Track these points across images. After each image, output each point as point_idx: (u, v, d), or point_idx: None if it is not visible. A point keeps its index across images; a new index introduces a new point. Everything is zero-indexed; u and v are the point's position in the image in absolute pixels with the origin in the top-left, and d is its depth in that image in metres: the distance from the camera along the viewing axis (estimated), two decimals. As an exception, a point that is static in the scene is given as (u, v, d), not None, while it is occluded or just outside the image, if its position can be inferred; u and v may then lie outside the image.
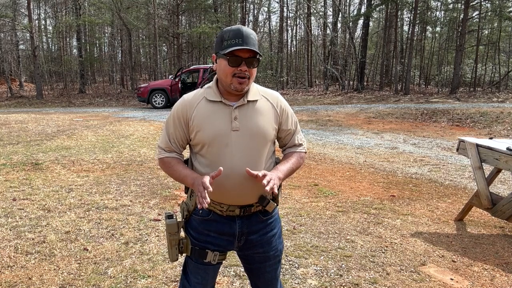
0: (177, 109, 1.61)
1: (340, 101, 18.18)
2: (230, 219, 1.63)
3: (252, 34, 1.52)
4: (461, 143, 4.05)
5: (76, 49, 30.44)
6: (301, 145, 1.75)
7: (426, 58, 27.84)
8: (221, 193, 1.56)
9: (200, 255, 1.65)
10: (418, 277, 2.88)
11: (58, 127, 10.06)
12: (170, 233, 1.65)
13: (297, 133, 1.74)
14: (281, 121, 1.66)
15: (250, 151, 1.56)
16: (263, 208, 1.66)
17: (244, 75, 1.52)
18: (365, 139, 9.16)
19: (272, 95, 1.68)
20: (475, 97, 17.66)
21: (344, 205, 4.49)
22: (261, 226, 1.68)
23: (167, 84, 16.06)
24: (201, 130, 1.55)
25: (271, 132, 1.62)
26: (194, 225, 1.67)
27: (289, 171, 1.65)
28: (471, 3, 20.33)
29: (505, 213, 3.67)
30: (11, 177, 5.45)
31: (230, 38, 1.50)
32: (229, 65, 1.50)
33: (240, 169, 1.53)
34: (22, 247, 3.27)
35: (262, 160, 1.60)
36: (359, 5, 27.30)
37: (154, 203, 4.43)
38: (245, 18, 27.69)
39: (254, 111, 1.59)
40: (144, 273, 2.86)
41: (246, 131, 1.56)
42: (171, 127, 1.62)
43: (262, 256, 1.72)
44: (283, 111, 1.66)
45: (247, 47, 1.48)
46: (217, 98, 1.57)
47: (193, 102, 1.59)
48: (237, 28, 1.51)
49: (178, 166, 1.61)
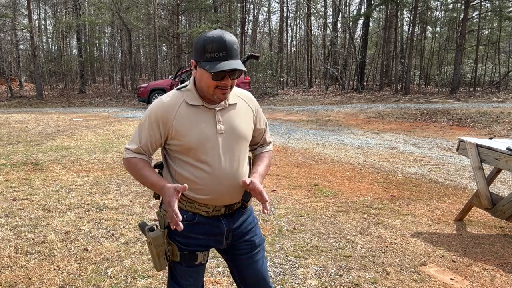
0: (155, 112, 1.55)
1: (340, 101, 18.18)
2: (216, 219, 1.63)
3: (235, 43, 1.49)
4: (461, 143, 4.05)
5: (76, 49, 30.47)
6: (270, 143, 1.83)
7: (426, 58, 27.84)
8: (211, 195, 1.57)
9: (191, 259, 1.63)
10: (418, 277, 2.88)
11: (58, 127, 10.05)
12: (157, 246, 1.59)
13: (267, 131, 1.80)
14: (256, 120, 1.71)
15: (235, 152, 1.59)
16: (244, 204, 1.69)
17: (227, 87, 1.51)
18: (365, 139, 9.16)
19: (247, 96, 1.71)
20: (475, 97, 17.66)
21: (344, 205, 4.49)
22: (243, 218, 1.71)
23: (167, 84, 16.05)
24: (186, 135, 1.52)
25: (250, 132, 1.67)
26: (179, 231, 1.59)
27: (265, 173, 1.70)
28: (471, 3, 20.33)
29: (505, 213, 3.67)
30: (11, 177, 5.45)
31: (213, 50, 1.45)
32: (212, 79, 1.48)
33: (229, 171, 1.56)
34: (22, 247, 3.27)
35: (244, 160, 1.64)
36: (359, 5, 27.32)
37: (154, 203, 4.43)
38: (245, 18, 27.69)
39: (235, 114, 1.61)
40: (144, 273, 2.86)
41: (231, 134, 1.58)
42: (145, 129, 1.56)
43: (249, 244, 1.72)
44: (257, 111, 1.71)
45: (234, 68, 1.45)
46: (199, 102, 1.55)
47: (172, 106, 1.54)
48: (220, 38, 1.45)
49: (145, 170, 1.56)
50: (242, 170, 1.61)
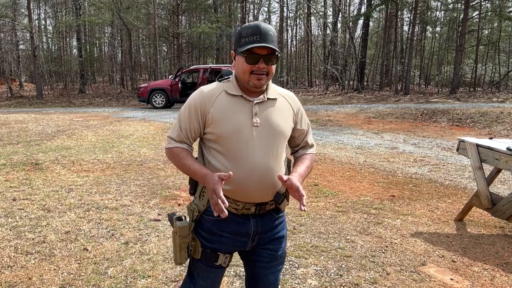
0: (194, 100, 1.57)
1: (340, 101, 18.18)
2: (245, 218, 1.59)
3: (271, 30, 1.51)
4: (461, 143, 4.05)
5: (76, 49, 30.45)
6: (312, 146, 1.76)
7: (426, 58, 27.85)
8: (240, 189, 1.52)
9: (212, 258, 1.60)
10: (418, 277, 2.88)
11: (58, 127, 10.06)
12: (181, 236, 1.58)
13: (309, 133, 1.75)
14: (296, 120, 1.67)
15: (270, 147, 1.55)
16: (277, 206, 1.63)
17: (263, 72, 1.51)
18: (365, 139, 9.16)
19: (289, 95, 1.69)
20: (475, 97, 17.66)
21: (344, 205, 4.49)
22: (273, 225, 1.67)
23: (167, 84, 16.05)
24: (221, 123, 1.51)
25: (289, 131, 1.63)
26: (206, 226, 1.61)
27: (306, 175, 1.64)
28: (471, 3, 20.33)
29: (505, 213, 3.67)
30: (11, 177, 5.45)
31: (248, 35, 1.49)
32: (246, 62, 1.49)
33: (262, 166, 1.52)
34: (22, 247, 3.27)
35: (281, 157, 1.60)
36: (359, 5, 27.33)
37: (154, 203, 4.43)
38: (245, 18, 27.68)
39: (273, 109, 1.59)
40: (144, 273, 2.86)
41: (266, 128, 1.55)
42: (186, 117, 1.57)
43: (270, 254, 1.68)
44: (299, 111, 1.68)
45: (264, 44, 1.46)
46: (238, 93, 1.55)
47: (212, 94, 1.56)
48: (255, 25, 1.50)
49: (188, 159, 1.57)
50: (275, 167, 1.56)
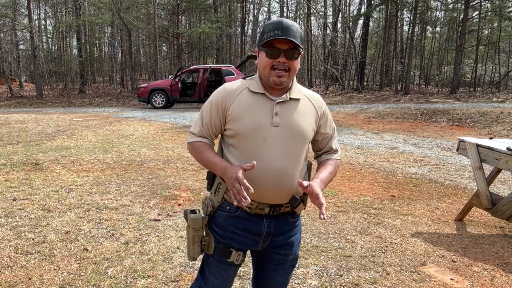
0: (217, 96, 1.58)
1: (340, 101, 18.18)
2: (258, 218, 1.58)
3: (294, 26, 1.47)
4: (461, 143, 4.05)
5: (76, 49, 30.45)
6: (336, 151, 1.71)
7: (426, 58, 27.85)
8: (254, 188, 1.47)
9: (224, 254, 1.59)
10: (418, 277, 2.88)
11: (58, 127, 10.05)
12: (194, 229, 1.57)
13: (334, 138, 1.70)
14: (320, 123, 1.63)
15: (288, 149, 1.52)
16: (292, 209, 1.61)
17: (284, 67, 1.47)
18: (365, 139, 9.16)
19: (315, 97, 1.65)
20: (475, 97, 17.66)
21: (344, 205, 4.49)
22: (288, 228, 1.64)
23: (167, 84, 16.05)
24: (240, 120, 1.51)
25: (310, 133, 1.59)
26: (219, 222, 1.60)
27: (328, 181, 1.60)
28: (471, 3, 20.33)
29: (505, 213, 3.67)
30: (11, 177, 5.45)
31: (270, 30, 1.47)
32: (267, 56, 1.48)
33: (278, 167, 1.50)
34: (22, 247, 3.27)
35: (299, 160, 1.56)
36: (359, 5, 27.34)
37: (154, 203, 4.43)
38: (245, 18, 27.69)
39: (295, 109, 1.55)
40: (144, 273, 2.86)
41: (286, 128, 1.52)
42: (208, 113, 1.58)
43: (281, 258, 1.66)
44: (324, 114, 1.64)
45: (285, 37, 1.44)
46: (260, 90, 1.54)
47: (234, 91, 1.56)
48: (278, 20, 1.49)
49: (208, 152, 1.57)
50: (293, 171, 1.53)
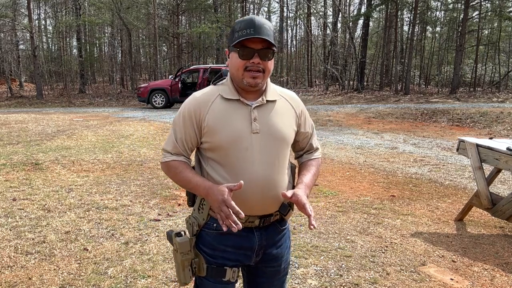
0: (188, 107, 1.44)
1: (340, 101, 18.18)
2: (248, 231, 1.47)
3: (266, 23, 1.37)
4: (461, 143, 4.05)
5: (76, 49, 30.44)
6: (317, 149, 1.64)
7: (426, 58, 27.85)
8: (241, 202, 1.38)
9: (219, 274, 1.47)
10: (418, 277, 2.88)
11: (58, 127, 10.05)
12: (182, 253, 1.46)
13: (313, 136, 1.62)
14: (300, 123, 1.54)
15: (272, 155, 1.43)
16: (282, 217, 1.54)
17: (258, 68, 1.37)
18: (365, 139, 9.16)
19: (291, 96, 1.56)
20: (475, 97, 17.66)
21: (344, 205, 4.49)
22: (279, 237, 1.56)
23: (167, 84, 16.05)
24: (218, 132, 1.39)
25: (292, 135, 1.51)
26: (207, 241, 1.49)
27: (312, 184, 1.53)
28: (471, 3, 20.33)
29: (505, 213, 3.67)
30: (11, 177, 5.45)
31: (241, 28, 1.35)
32: (239, 57, 1.37)
33: (263, 176, 1.40)
34: (22, 247, 3.28)
35: (283, 165, 1.48)
36: (359, 5, 27.33)
37: (154, 203, 4.43)
38: (245, 18, 27.63)
39: (274, 112, 1.46)
40: (144, 273, 2.86)
41: (267, 134, 1.42)
42: (181, 127, 1.45)
43: (274, 270, 1.59)
44: (302, 112, 1.56)
45: (258, 36, 1.33)
46: (234, 96, 1.42)
47: (207, 100, 1.43)
48: (250, 18, 1.37)
49: (187, 172, 1.43)
50: (279, 177, 1.45)
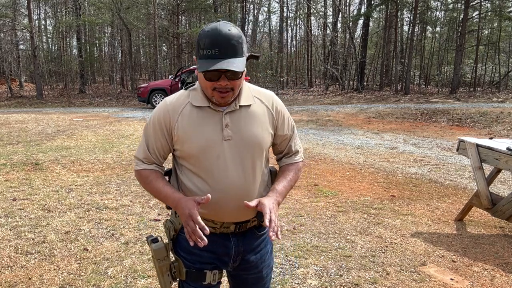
0: (158, 114, 1.40)
1: (340, 101, 18.18)
2: (225, 238, 1.46)
3: (234, 37, 1.26)
4: (461, 143, 4.05)
5: (76, 49, 30.43)
6: (297, 153, 1.57)
7: (426, 58, 27.84)
8: (215, 210, 1.38)
9: (198, 277, 1.45)
10: (418, 277, 2.88)
11: (58, 127, 10.06)
12: (159, 259, 1.44)
13: (293, 138, 1.55)
14: (277, 125, 1.48)
15: (246, 162, 1.39)
16: (259, 223, 1.50)
17: (226, 90, 1.31)
18: (365, 139, 9.16)
19: (267, 95, 1.49)
20: (475, 97, 17.66)
21: (344, 205, 4.49)
22: (257, 243, 1.53)
23: (167, 84, 16.06)
24: (188, 140, 1.36)
25: (268, 139, 1.44)
26: (183, 245, 1.45)
27: (287, 191, 1.48)
28: (471, 3, 20.33)
29: (505, 213, 3.67)
30: (11, 177, 5.45)
31: (206, 46, 1.26)
32: (206, 79, 1.30)
33: (237, 184, 1.37)
34: (22, 247, 3.28)
35: (257, 172, 1.43)
36: (359, 5, 27.34)
37: (154, 203, 4.43)
38: (245, 18, 27.70)
39: (247, 117, 1.40)
40: (144, 273, 2.86)
41: (240, 141, 1.37)
42: (151, 135, 1.41)
43: (255, 277, 1.56)
44: (279, 113, 1.48)
45: (219, 68, 1.24)
46: (204, 104, 1.37)
47: (176, 107, 1.38)
48: (213, 33, 1.26)
49: (157, 182, 1.41)
50: (254, 184, 1.41)
